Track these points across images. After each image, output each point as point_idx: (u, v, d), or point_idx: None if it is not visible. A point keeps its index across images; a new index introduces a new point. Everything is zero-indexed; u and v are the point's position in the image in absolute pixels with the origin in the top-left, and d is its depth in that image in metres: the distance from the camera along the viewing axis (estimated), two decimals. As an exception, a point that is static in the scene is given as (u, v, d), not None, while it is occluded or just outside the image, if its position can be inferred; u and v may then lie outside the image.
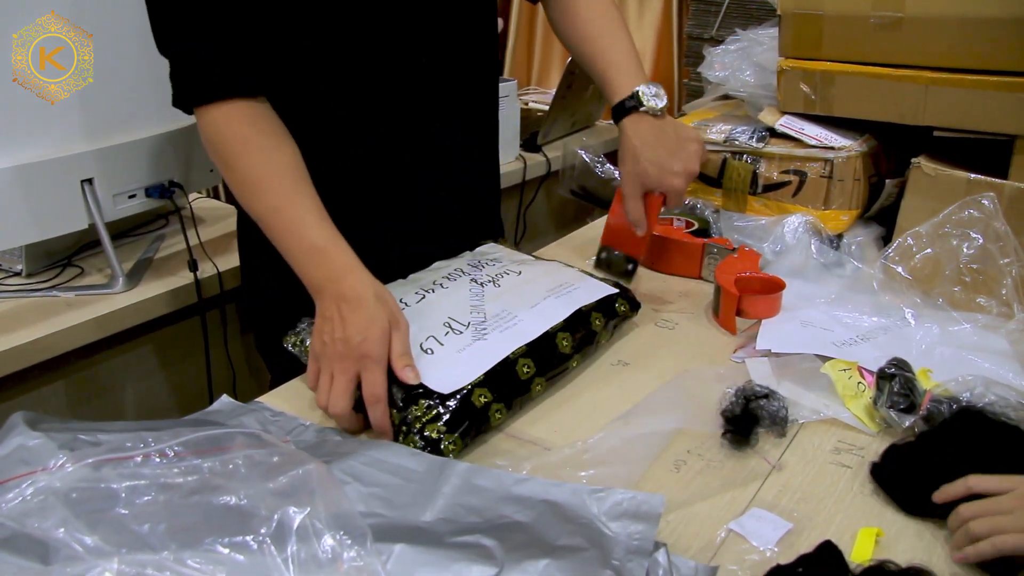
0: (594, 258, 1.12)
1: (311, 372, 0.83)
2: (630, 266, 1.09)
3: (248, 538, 0.56)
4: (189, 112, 0.91)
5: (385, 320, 0.80)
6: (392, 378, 0.80)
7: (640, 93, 1.03)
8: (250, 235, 1.11)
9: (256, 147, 0.88)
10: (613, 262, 1.10)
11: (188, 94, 0.90)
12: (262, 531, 0.56)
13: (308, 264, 0.85)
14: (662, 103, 1.04)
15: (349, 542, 0.57)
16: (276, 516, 0.57)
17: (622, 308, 1.00)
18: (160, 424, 0.70)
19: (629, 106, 1.04)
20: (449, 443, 0.77)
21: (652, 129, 1.03)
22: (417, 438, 0.78)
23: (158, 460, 0.63)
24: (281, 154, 0.89)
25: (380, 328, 0.79)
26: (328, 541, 0.57)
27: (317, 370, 0.82)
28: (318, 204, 0.87)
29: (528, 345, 0.87)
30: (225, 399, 0.86)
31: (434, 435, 0.77)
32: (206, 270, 1.28)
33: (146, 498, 0.59)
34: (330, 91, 0.98)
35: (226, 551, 0.55)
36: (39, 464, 0.61)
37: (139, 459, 0.62)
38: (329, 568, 0.56)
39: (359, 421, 0.82)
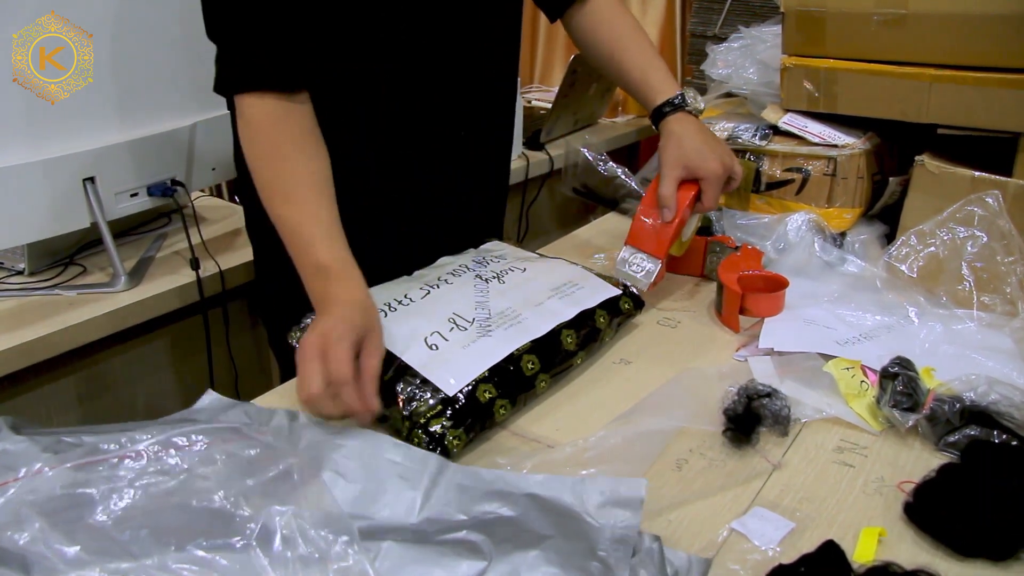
0: (616, 258, 1.08)
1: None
2: (650, 266, 1.05)
3: (233, 540, 0.55)
4: (229, 98, 0.93)
5: (353, 324, 0.78)
6: (395, 372, 0.80)
7: (685, 94, 1.08)
8: (263, 231, 1.11)
9: (281, 156, 0.90)
10: (634, 263, 1.06)
11: (229, 80, 0.91)
12: (247, 532, 0.55)
13: (312, 280, 0.86)
14: (703, 105, 1.10)
15: (335, 540, 0.57)
16: (260, 516, 0.56)
17: (626, 306, 1.00)
18: (141, 424, 0.69)
19: (677, 103, 1.08)
20: (454, 438, 0.77)
21: (696, 125, 1.07)
22: (421, 433, 0.77)
23: (134, 461, 0.62)
24: (306, 165, 0.90)
25: (347, 327, 0.77)
26: (314, 540, 0.56)
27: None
28: (332, 219, 0.88)
29: (533, 342, 0.87)
30: (210, 395, 0.84)
31: (439, 430, 0.77)
32: (208, 268, 1.28)
33: (125, 502, 0.58)
34: (368, 96, 1.00)
35: (210, 555, 0.54)
36: (22, 468, 0.60)
37: (115, 460, 0.62)
38: (316, 567, 0.55)
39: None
